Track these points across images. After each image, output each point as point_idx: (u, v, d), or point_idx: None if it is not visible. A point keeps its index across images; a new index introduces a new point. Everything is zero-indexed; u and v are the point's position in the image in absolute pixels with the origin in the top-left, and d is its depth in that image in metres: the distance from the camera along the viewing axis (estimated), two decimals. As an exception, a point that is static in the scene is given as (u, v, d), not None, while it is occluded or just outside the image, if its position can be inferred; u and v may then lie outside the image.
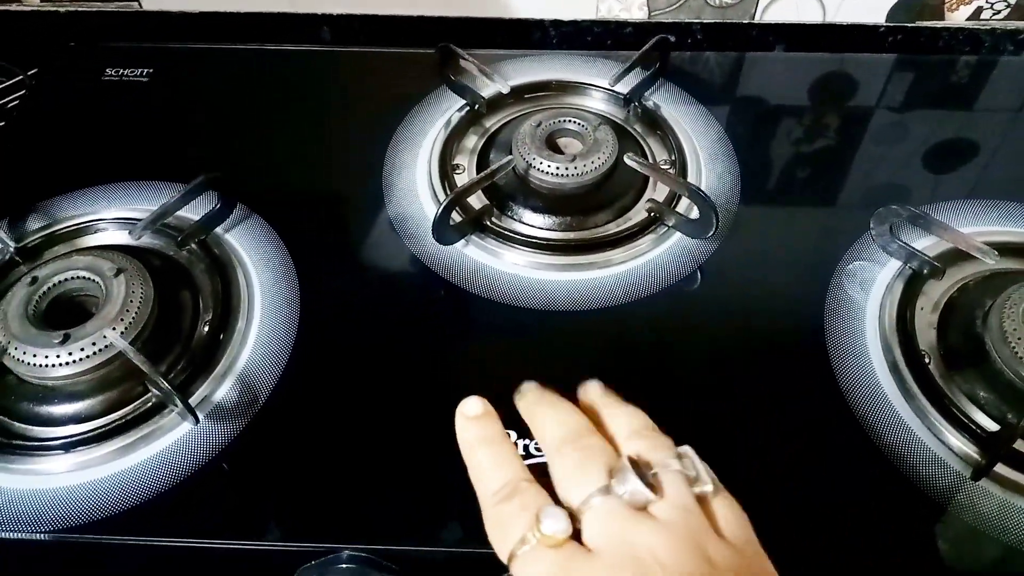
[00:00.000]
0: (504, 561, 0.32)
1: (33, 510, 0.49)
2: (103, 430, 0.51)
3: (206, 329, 0.56)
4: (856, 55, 0.80)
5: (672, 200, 0.64)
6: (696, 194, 0.60)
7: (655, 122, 0.71)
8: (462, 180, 0.66)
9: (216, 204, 0.62)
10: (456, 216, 0.62)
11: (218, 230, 0.63)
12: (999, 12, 0.79)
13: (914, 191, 0.68)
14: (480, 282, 0.60)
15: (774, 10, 0.80)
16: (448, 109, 0.73)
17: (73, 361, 0.50)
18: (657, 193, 0.65)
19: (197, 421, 0.51)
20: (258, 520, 0.49)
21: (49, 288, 0.55)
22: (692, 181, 0.66)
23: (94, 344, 0.51)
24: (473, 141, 0.71)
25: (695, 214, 0.61)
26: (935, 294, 0.58)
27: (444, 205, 0.59)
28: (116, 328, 0.51)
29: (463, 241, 0.62)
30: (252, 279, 0.60)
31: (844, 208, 0.67)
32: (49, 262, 0.57)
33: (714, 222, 0.59)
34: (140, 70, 0.78)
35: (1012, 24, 0.80)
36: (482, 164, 0.68)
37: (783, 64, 0.81)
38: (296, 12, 0.81)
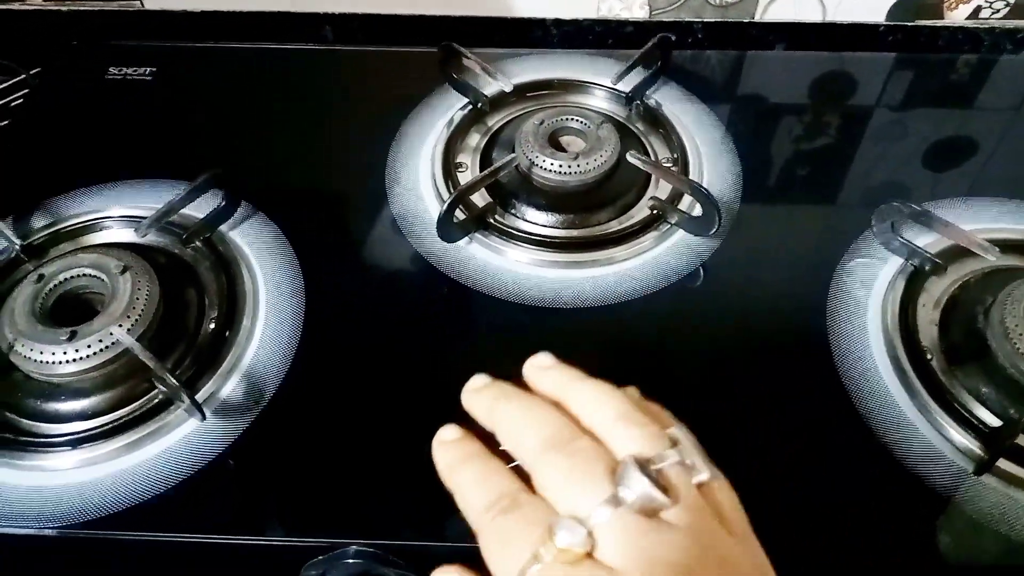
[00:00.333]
0: None
1: (40, 506, 0.49)
2: (110, 427, 0.51)
3: (211, 326, 0.57)
4: (856, 54, 0.81)
5: (674, 198, 0.64)
6: (699, 191, 0.60)
7: (657, 120, 0.72)
8: (465, 178, 0.67)
9: (221, 202, 0.62)
10: (459, 214, 0.62)
11: (223, 228, 0.63)
12: (998, 11, 0.80)
13: (914, 189, 0.68)
14: (483, 279, 0.61)
15: (774, 9, 0.80)
16: (451, 107, 0.73)
17: (80, 358, 0.51)
18: (659, 191, 0.66)
19: (204, 417, 0.51)
20: (265, 516, 0.49)
21: (55, 285, 0.55)
22: (694, 179, 0.66)
23: (101, 341, 0.51)
24: (476, 139, 0.71)
25: (697, 211, 0.62)
26: (937, 291, 0.58)
27: (449, 202, 0.59)
28: (123, 325, 0.52)
29: (467, 239, 0.62)
30: (257, 276, 0.60)
31: (845, 205, 0.68)
32: (55, 259, 0.58)
33: (717, 219, 0.59)
34: (143, 69, 0.78)
35: (1011, 23, 0.80)
36: (485, 162, 0.69)
37: (783, 63, 0.81)
38: (298, 11, 0.81)
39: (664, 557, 0.27)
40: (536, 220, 0.64)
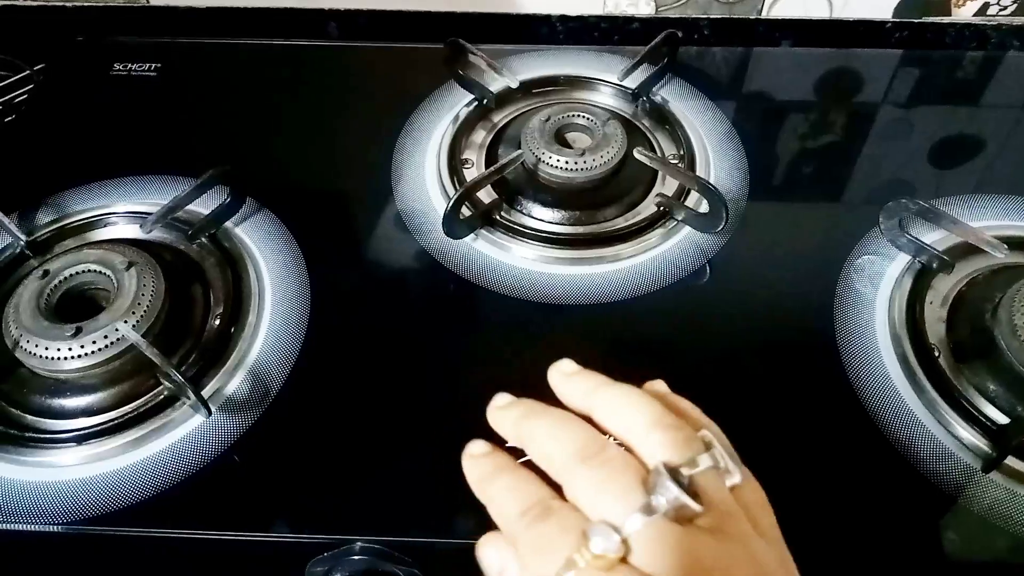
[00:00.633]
0: None
1: (45, 502, 0.49)
2: (115, 423, 0.51)
3: (217, 323, 0.57)
4: (863, 51, 0.80)
5: (681, 194, 0.64)
6: (706, 188, 0.60)
7: (663, 117, 0.72)
8: (471, 175, 0.67)
9: (226, 198, 0.62)
10: (465, 210, 0.62)
11: (228, 224, 0.63)
12: (1005, 8, 0.79)
13: (921, 186, 0.68)
14: (489, 276, 0.60)
15: (781, 6, 0.80)
16: (456, 104, 0.73)
17: (85, 354, 0.50)
18: (666, 187, 0.66)
19: (209, 413, 0.51)
20: (270, 512, 0.49)
21: (60, 281, 0.55)
22: (701, 175, 0.66)
23: (106, 337, 0.51)
24: (482, 136, 0.71)
25: (704, 208, 0.61)
26: (944, 288, 0.58)
27: (455, 199, 0.59)
28: (128, 321, 0.51)
29: (472, 235, 0.62)
30: (263, 273, 0.60)
31: (852, 202, 0.67)
32: (60, 255, 0.58)
33: (723, 216, 0.59)
34: (148, 65, 0.78)
35: (1018, 20, 0.80)
36: (491, 159, 0.68)
37: (790, 59, 0.81)
38: (303, 7, 0.81)
39: (698, 563, 0.27)
40: (542, 217, 0.64)
